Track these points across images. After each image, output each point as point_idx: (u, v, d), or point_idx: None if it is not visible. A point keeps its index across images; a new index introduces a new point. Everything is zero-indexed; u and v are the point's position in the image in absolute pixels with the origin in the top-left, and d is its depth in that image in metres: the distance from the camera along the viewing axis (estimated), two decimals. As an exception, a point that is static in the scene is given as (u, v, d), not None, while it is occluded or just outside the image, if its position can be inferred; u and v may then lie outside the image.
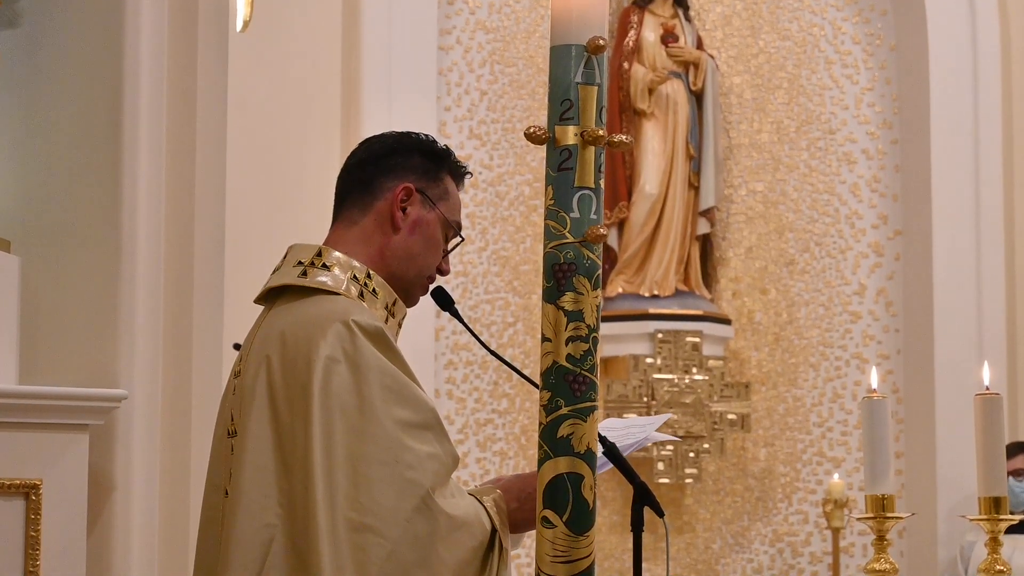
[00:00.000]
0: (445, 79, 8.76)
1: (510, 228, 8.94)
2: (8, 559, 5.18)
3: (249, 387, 3.03)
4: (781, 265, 9.36)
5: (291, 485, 2.93)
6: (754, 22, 9.47)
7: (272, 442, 2.97)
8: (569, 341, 2.15)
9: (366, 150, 3.25)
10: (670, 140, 9.12)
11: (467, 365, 8.69)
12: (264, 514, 2.94)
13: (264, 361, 3.02)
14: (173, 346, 5.90)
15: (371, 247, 3.15)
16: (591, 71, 2.16)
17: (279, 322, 3.07)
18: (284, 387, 2.97)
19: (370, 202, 3.18)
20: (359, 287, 3.09)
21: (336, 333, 2.95)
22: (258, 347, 3.07)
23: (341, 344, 2.95)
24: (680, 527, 9.08)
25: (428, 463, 2.93)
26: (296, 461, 2.92)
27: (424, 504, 2.90)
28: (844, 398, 9.26)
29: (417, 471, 2.91)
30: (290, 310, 3.08)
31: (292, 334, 3.01)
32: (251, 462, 2.97)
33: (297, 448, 2.93)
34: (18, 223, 5.75)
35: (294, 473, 2.92)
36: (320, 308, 3.03)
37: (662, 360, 8.88)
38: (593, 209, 2.17)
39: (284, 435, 2.96)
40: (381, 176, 3.19)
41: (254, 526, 2.93)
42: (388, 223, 3.17)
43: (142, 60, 5.81)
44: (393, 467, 2.90)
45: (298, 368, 2.96)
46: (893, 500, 3.85)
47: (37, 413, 5.31)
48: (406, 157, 3.22)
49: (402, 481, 2.90)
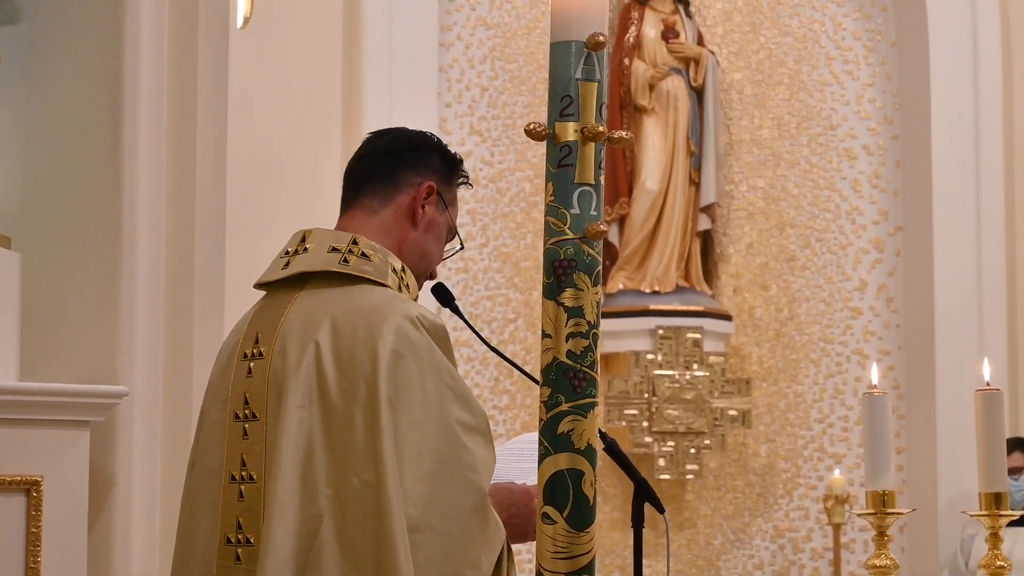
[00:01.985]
0: (446, 75, 8.76)
1: (511, 224, 8.94)
2: (9, 556, 5.18)
3: (291, 370, 2.95)
4: (782, 261, 9.36)
5: (343, 475, 2.87)
6: (755, 18, 9.47)
7: (321, 429, 2.91)
8: (569, 337, 2.15)
9: (390, 142, 3.21)
10: (671, 136, 9.12)
11: (468, 361, 8.70)
12: (309, 504, 2.88)
13: (312, 346, 2.95)
14: (174, 342, 5.89)
15: (391, 239, 3.13)
16: (591, 67, 2.15)
17: (323, 307, 3.00)
18: (339, 376, 2.92)
19: (391, 194, 3.15)
20: (397, 279, 3.08)
21: (402, 327, 2.92)
22: (296, 331, 3.00)
23: (408, 339, 2.91)
24: (681, 523, 9.08)
25: (483, 466, 2.93)
26: (351, 452, 2.87)
27: (483, 505, 2.91)
28: (845, 394, 9.27)
29: (476, 472, 2.91)
30: (334, 297, 3.02)
31: (347, 322, 2.95)
32: (292, 449, 2.90)
33: (354, 439, 2.87)
34: (18, 219, 5.75)
35: (348, 463, 2.87)
36: (375, 298, 2.99)
37: (663, 356, 8.88)
38: (593, 205, 2.17)
39: (336, 423, 2.90)
40: (405, 170, 3.16)
41: (299, 516, 2.88)
42: (408, 218, 3.15)
43: (142, 57, 5.81)
44: (455, 466, 2.89)
45: (359, 358, 2.91)
46: (894, 496, 3.85)
47: (38, 410, 5.31)
48: (429, 156, 3.20)
49: (463, 481, 2.89)
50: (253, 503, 2.98)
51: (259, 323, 3.10)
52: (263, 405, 3.00)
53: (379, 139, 3.23)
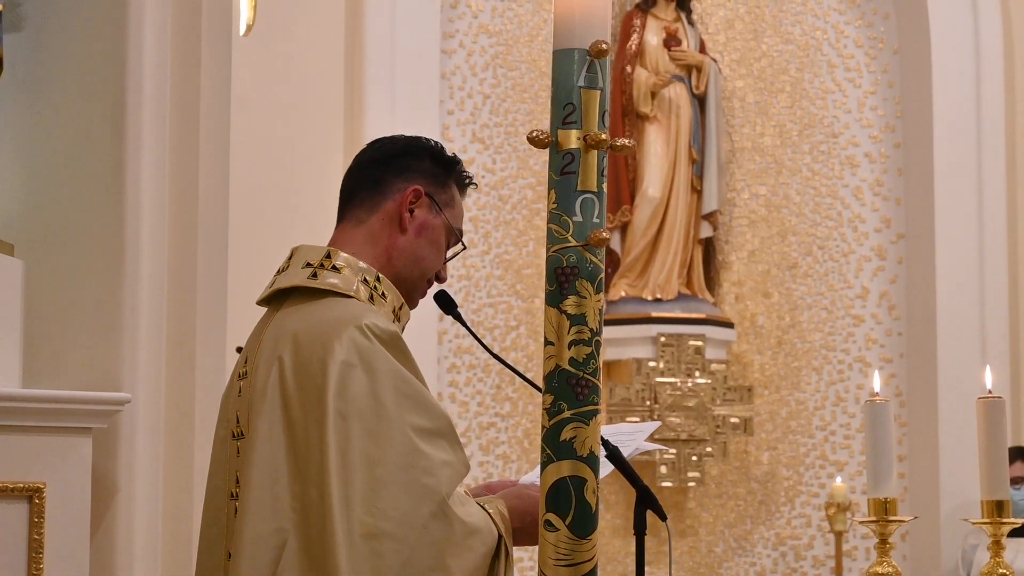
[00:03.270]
0: (448, 83, 8.77)
1: (513, 232, 8.94)
2: (11, 563, 5.18)
3: (259, 389, 3.00)
4: (784, 269, 9.37)
5: (305, 489, 2.90)
6: (757, 26, 9.47)
7: (285, 445, 2.94)
8: (572, 345, 2.15)
9: (377, 150, 3.22)
10: (673, 144, 9.13)
11: (470, 369, 8.70)
12: (276, 518, 2.91)
13: (276, 362, 2.99)
14: (176, 349, 5.89)
15: (378, 247, 3.14)
16: (594, 75, 2.16)
17: (290, 323, 3.04)
18: (298, 390, 2.95)
19: (379, 201, 3.16)
20: (369, 289, 3.08)
21: (351, 337, 2.93)
22: (268, 348, 3.04)
23: (357, 348, 2.92)
24: (683, 531, 9.08)
25: (443, 470, 2.92)
26: (310, 465, 2.90)
27: (440, 510, 2.89)
28: (847, 401, 9.26)
29: (434, 477, 2.90)
30: (301, 312, 3.05)
31: (306, 336, 2.98)
32: (262, 465, 2.94)
33: (312, 452, 2.90)
34: (21, 227, 5.75)
35: (308, 477, 2.90)
36: (333, 311, 3.01)
37: (665, 364, 8.88)
38: (596, 213, 2.17)
39: (297, 438, 2.93)
40: (392, 176, 3.17)
41: (266, 530, 2.91)
42: (395, 223, 3.15)
43: (145, 65, 5.82)
44: (410, 472, 2.88)
45: (312, 371, 2.93)
46: (896, 503, 3.85)
47: (40, 416, 5.31)
48: (418, 159, 3.20)
49: (419, 487, 2.88)
50: None
51: (249, 342, 3.16)
52: (247, 423, 3.04)
53: (370, 148, 3.24)
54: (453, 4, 8.80)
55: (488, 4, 8.94)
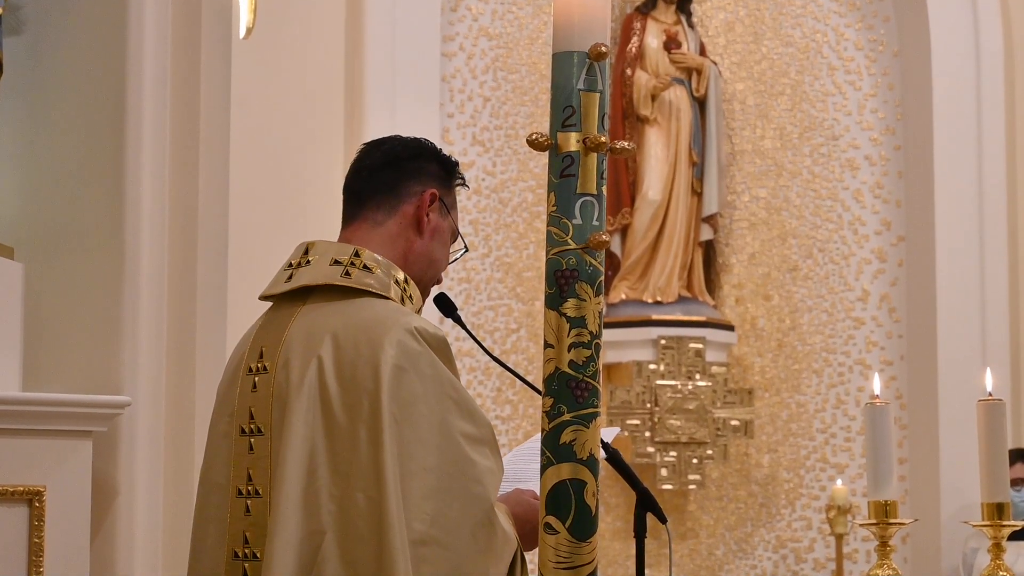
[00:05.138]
0: (448, 85, 8.77)
1: (513, 235, 8.95)
2: (12, 566, 5.19)
3: (294, 385, 2.95)
4: (784, 271, 9.37)
5: (347, 492, 2.88)
6: (757, 28, 9.48)
7: (324, 445, 2.91)
8: (571, 347, 2.15)
9: (388, 152, 3.21)
10: (673, 146, 9.13)
11: (470, 371, 8.70)
12: (312, 520, 2.88)
13: (315, 361, 2.95)
14: (176, 352, 5.90)
15: (396, 250, 3.13)
16: (593, 78, 2.16)
17: (324, 321, 3.00)
18: (342, 391, 2.92)
19: (396, 204, 3.15)
20: (400, 291, 3.07)
21: (402, 340, 2.92)
22: (299, 345, 3.00)
23: (407, 352, 2.91)
24: (683, 533, 9.08)
25: (489, 478, 2.93)
26: (354, 468, 2.87)
27: (487, 519, 2.90)
28: (847, 404, 9.26)
29: (481, 485, 2.91)
30: (334, 309, 3.02)
31: (347, 336, 2.95)
32: (295, 464, 2.90)
33: (358, 454, 2.87)
34: (22, 230, 5.76)
35: (352, 480, 2.87)
36: (376, 311, 2.99)
37: (665, 366, 8.88)
38: (595, 215, 2.17)
39: (339, 439, 2.91)
40: (406, 179, 3.17)
41: (301, 531, 2.88)
42: (413, 227, 3.15)
43: (145, 68, 5.82)
44: (459, 480, 2.89)
45: (361, 373, 2.90)
46: (896, 506, 3.85)
47: (40, 420, 5.31)
48: (428, 162, 3.21)
49: (468, 495, 2.89)
50: (260, 518, 2.98)
51: (263, 337, 3.10)
52: (268, 420, 3.00)
53: (375, 150, 3.23)
54: (453, 7, 8.80)
55: (488, 7, 8.95)
